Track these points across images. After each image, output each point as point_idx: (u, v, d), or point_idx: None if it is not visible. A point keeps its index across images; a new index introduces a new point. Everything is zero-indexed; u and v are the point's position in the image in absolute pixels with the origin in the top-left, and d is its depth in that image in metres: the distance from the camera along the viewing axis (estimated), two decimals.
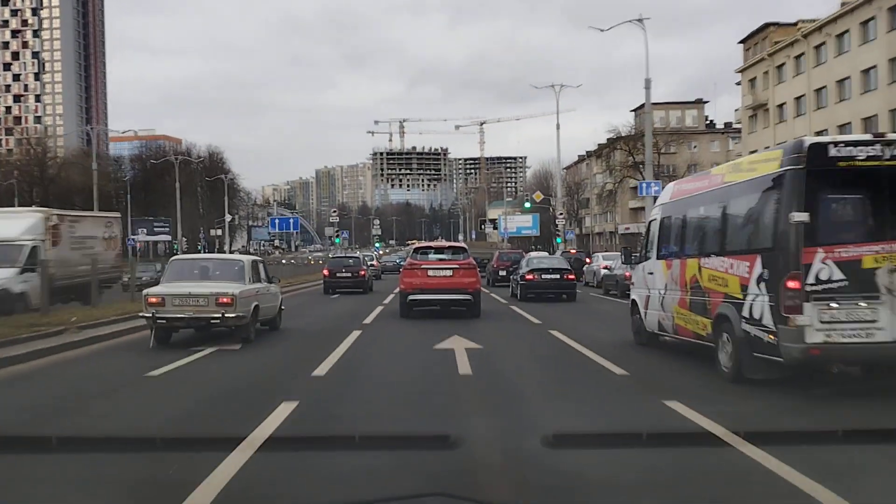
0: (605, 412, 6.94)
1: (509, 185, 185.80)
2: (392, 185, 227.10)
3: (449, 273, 16.23)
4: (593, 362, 9.74)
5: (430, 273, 16.25)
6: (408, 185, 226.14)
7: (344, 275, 26.66)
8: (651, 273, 10.87)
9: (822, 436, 5.70)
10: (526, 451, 5.27)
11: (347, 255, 32.91)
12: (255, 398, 7.38)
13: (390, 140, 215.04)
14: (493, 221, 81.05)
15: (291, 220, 63.23)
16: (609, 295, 23.64)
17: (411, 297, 16.22)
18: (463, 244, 23.05)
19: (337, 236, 49.51)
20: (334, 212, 50.79)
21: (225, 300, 11.39)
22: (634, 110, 59.69)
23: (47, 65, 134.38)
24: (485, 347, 11.14)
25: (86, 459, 5.24)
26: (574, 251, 40.36)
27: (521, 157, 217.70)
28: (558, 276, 21.33)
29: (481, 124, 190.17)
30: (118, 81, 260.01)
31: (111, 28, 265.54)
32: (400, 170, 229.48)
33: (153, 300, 11.46)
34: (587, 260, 33.63)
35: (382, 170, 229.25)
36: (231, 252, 62.27)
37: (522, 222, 73.52)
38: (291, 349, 11.76)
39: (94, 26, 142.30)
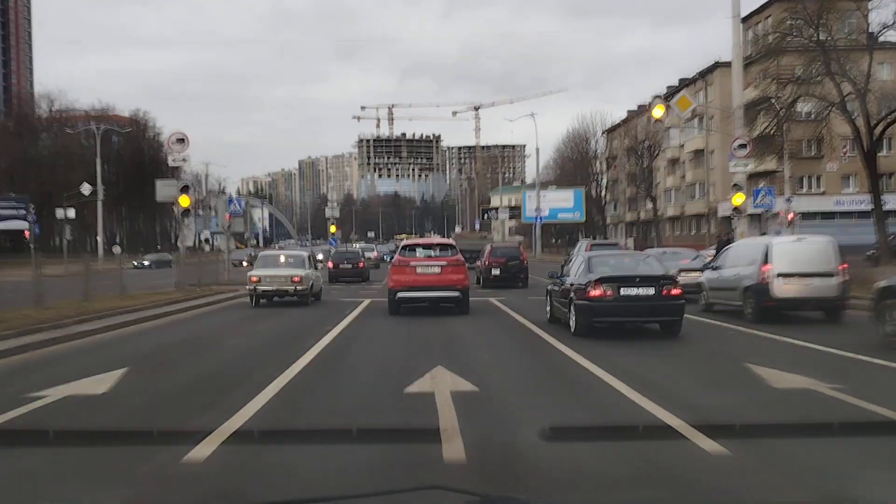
0: None
1: (508, 173, 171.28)
2: (380, 175, 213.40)
3: (437, 270, 16.34)
4: None
5: (419, 270, 16.38)
6: (397, 175, 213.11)
7: (346, 266, 30.84)
8: None
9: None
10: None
11: (348, 249, 37.79)
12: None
13: (377, 126, 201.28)
14: (512, 208, 57.70)
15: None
16: None
17: (400, 295, 16.40)
18: (451, 241, 22.51)
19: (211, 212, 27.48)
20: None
21: (297, 279, 18.85)
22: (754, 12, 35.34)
23: None
24: None
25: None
26: None
27: (519, 146, 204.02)
28: (653, 291, 11.80)
29: (476, 109, 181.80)
30: (103, 73, 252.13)
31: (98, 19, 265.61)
32: (388, 158, 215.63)
33: (254, 279, 18.94)
34: None
35: (369, 158, 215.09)
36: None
37: (559, 202, 50.04)
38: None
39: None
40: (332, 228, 46.09)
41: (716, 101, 47.53)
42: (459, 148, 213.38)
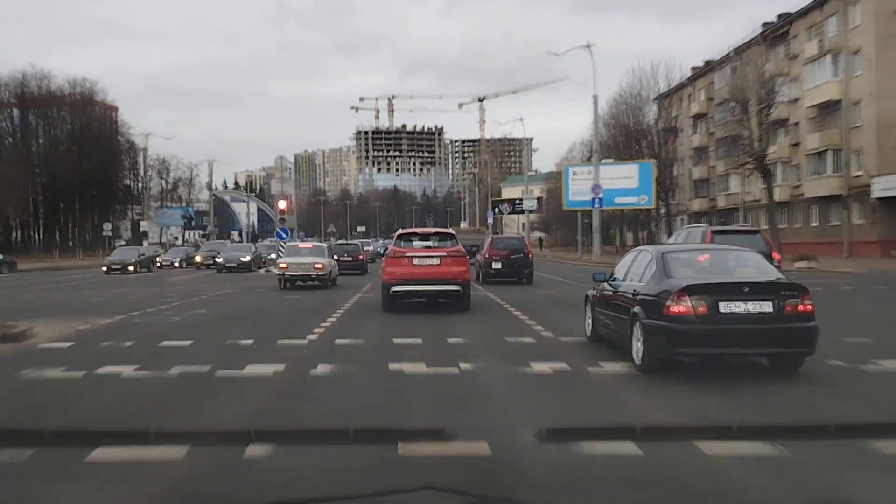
0: None
1: (517, 166, 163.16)
2: (378, 169, 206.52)
3: (436, 262, 15.49)
4: None
5: (416, 262, 15.56)
6: (397, 169, 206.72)
7: (346, 259, 31.53)
8: None
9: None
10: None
11: (349, 242, 41.24)
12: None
13: (377, 117, 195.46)
14: (539, 200, 43.99)
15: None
16: None
17: (395, 289, 15.57)
18: (451, 230, 20.99)
19: None
20: None
21: (318, 266, 22.67)
22: None
23: None
24: None
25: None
26: None
27: (527, 138, 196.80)
28: (770, 308, 7.85)
29: (481, 100, 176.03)
30: (102, 70, 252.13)
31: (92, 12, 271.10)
32: (388, 151, 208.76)
33: (283, 266, 22.91)
34: None
35: (367, 151, 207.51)
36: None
37: (617, 181, 36.01)
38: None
39: None
40: (282, 205, 32.82)
41: (867, 27, 33.96)
42: (463, 141, 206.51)
